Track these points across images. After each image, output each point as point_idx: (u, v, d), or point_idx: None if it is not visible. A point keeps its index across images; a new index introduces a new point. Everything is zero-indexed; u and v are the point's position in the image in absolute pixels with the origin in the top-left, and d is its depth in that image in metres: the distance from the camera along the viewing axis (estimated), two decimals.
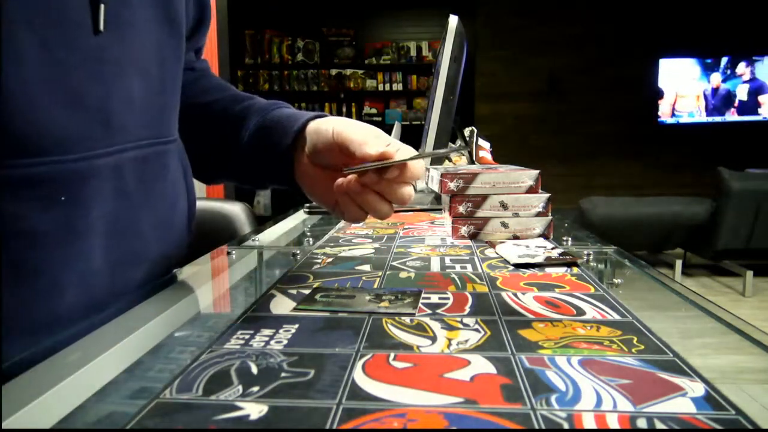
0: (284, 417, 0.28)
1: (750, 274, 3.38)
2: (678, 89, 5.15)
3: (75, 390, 0.33)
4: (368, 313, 0.44)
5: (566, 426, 0.27)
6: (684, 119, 5.17)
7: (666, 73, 5.11)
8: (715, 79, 5.11)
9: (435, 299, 0.48)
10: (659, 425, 0.27)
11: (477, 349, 0.37)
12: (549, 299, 0.48)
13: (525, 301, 0.48)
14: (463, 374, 0.33)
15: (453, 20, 1.04)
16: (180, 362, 0.35)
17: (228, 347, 0.38)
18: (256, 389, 0.31)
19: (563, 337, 0.39)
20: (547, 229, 0.75)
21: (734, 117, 5.11)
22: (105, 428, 0.29)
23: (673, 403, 0.29)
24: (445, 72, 1.03)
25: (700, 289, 3.46)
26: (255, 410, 0.29)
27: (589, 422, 0.27)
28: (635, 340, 0.38)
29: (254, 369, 0.34)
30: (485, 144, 1.44)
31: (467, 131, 1.34)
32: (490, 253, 0.67)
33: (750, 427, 0.27)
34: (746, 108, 5.10)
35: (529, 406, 0.29)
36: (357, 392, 0.31)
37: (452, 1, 3.90)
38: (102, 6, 0.47)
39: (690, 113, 5.16)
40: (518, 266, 0.60)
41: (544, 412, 0.28)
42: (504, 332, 0.40)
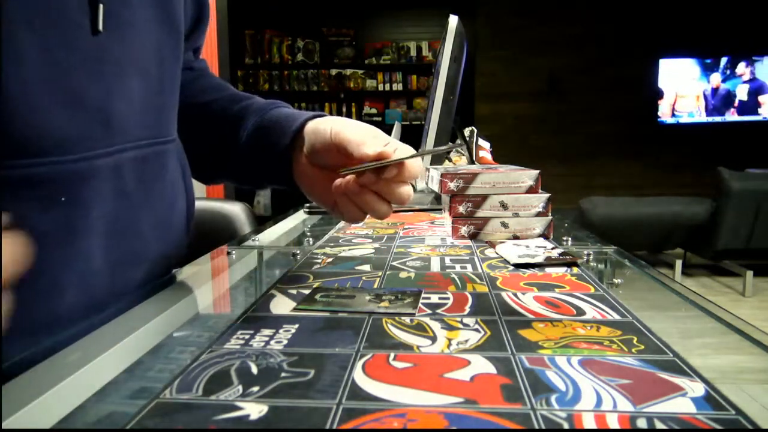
0: (284, 417, 0.28)
1: (750, 274, 3.38)
2: (678, 89, 5.15)
3: (75, 390, 0.33)
4: (368, 313, 0.44)
5: (566, 426, 0.27)
6: (684, 119, 5.17)
7: (666, 73, 5.11)
8: (715, 79, 5.11)
9: (435, 299, 0.48)
10: (659, 425, 0.27)
11: (477, 349, 0.37)
12: (549, 299, 0.48)
13: (525, 301, 0.48)
14: (463, 374, 0.33)
15: (453, 20, 1.04)
16: (180, 362, 0.35)
17: (228, 347, 0.38)
18: (256, 389, 0.31)
19: (563, 337, 0.39)
20: (547, 229, 0.75)
21: (734, 117, 5.11)
22: (105, 428, 0.29)
23: (673, 403, 0.29)
24: (445, 72, 1.03)
25: (700, 289, 3.46)
26: (255, 410, 0.29)
27: (589, 422, 0.27)
28: (635, 340, 0.38)
29: (254, 369, 0.34)
30: (485, 144, 1.44)
31: (467, 131, 1.34)
32: (490, 253, 0.67)
33: (750, 427, 0.27)
34: (746, 108, 5.10)
35: (529, 406, 0.29)
36: (357, 392, 0.31)
37: (452, 1, 3.90)
38: (101, 6, 0.47)
39: (690, 113, 5.16)
40: (518, 266, 0.60)
41: (544, 412, 0.28)
42: (504, 332, 0.40)
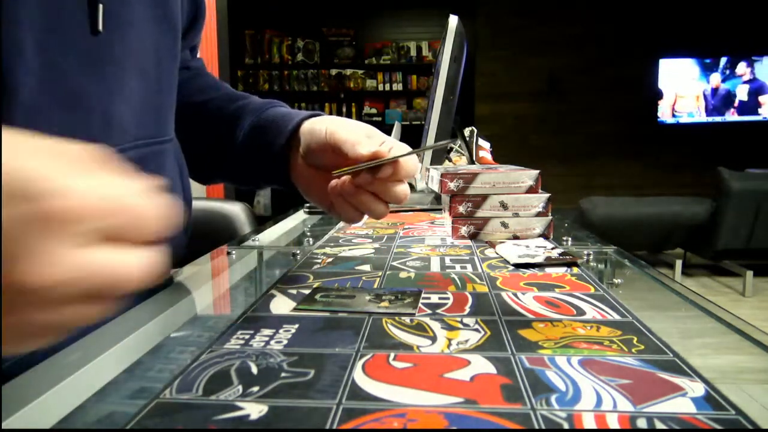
0: (284, 417, 0.28)
1: (750, 274, 3.38)
2: (677, 89, 5.15)
3: (75, 390, 0.33)
4: (368, 313, 0.44)
5: (566, 426, 0.27)
6: (684, 119, 5.18)
7: (666, 74, 5.11)
8: (715, 80, 5.11)
9: (435, 299, 0.48)
10: (659, 425, 0.27)
11: (477, 349, 0.37)
12: (549, 299, 0.48)
13: (525, 301, 0.48)
14: (463, 374, 0.33)
15: (453, 20, 1.04)
16: (180, 362, 0.35)
17: (228, 347, 0.38)
18: (256, 389, 0.31)
19: (563, 337, 0.39)
20: (547, 229, 0.75)
21: (734, 117, 5.11)
22: (105, 428, 0.29)
23: (673, 403, 0.29)
24: (445, 72, 1.03)
25: (700, 289, 3.46)
26: (255, 410, 0.29)
27: (589, 422, 0.27)
28: (635, 340, 0.38)
29: (254, 369, 0.34)
30: (485, 144, 1.44)
31: (467, 131, 1.34)
32: (490, 253, 0.67)
33: (750, 427, 0.27)
34: (746, 108, 5.10)
35: (529, 406, 0.29)
36: (357, 392, 0.31)
37: (452, 1, 3.90)
38: (101, 6, 0.47)
39: (690, 113, 5.16)
40: (518, 266, 0.60)
41: (544, 412, 0.28)
42: (504, 332, 0.40)
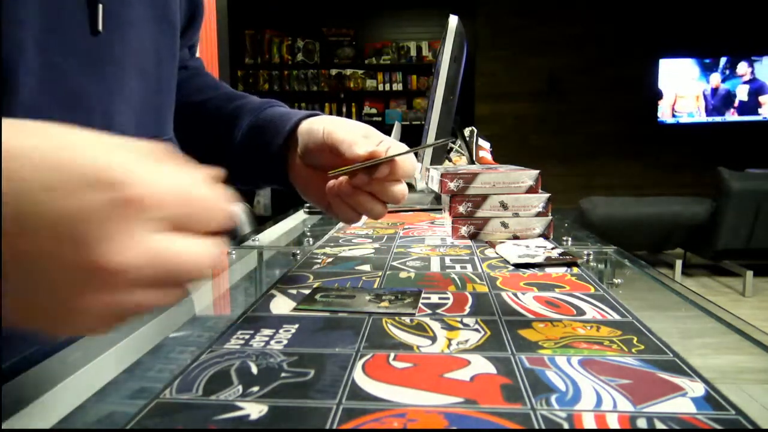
0: (284, 417, 0.28)
1: (750, 274, 3.38)
2: (677, 90, 5.15)
3: (75, 390, 0.33)
4: (368, 313, 0.44)
5: (566, 426, 0.27)
6: (684, 119, 5.18)
7: (666, 74, 5.11)
8: (715, 80, 5.11)
9: (435, 299, 0.48)
10: (659, 425, 0.27)
11: (477, 349, 0.37)
12: (549, 299, 0.48)
13: (525, 301, 0.48)
14: (463, 374, 0.33)
15: (453, 20, 1.04)
16: (180, 362, 0.35)
17: (228, 347, 0.38)
18: (256, 389, 0.31)
19: (563, 337, 0.39)
20: (547, 229, 0.75)
21: (734, 117, 5.11)
22: (105, 428, 0.29)
23: (673, 403, 0.29)
24: (445, 72, 1.03)
25: (700, 289, 3.46)
26: (255, 410, 0.29)
27: (589, 422, 0.27)
28: (635, 340, 0.38)
29: (254, 369, 0.34)
30: (485, 144, 1.44)
31: (467, 131, 1.34)
32: (490, 253, 0.67)
33: (750, 427, 0.27)
34: (746, 108, 5.10)
35: (529, 406, 0.29)
36: (357, 392, 0.31)
37: (452, 1, 3.90)
38: (100, 6, 0.47)
39: (690, 113, 5.16)
40: (518, 266, 0.60)
41: (544, 412, 0.28)
42: (504, 332, 0.40)
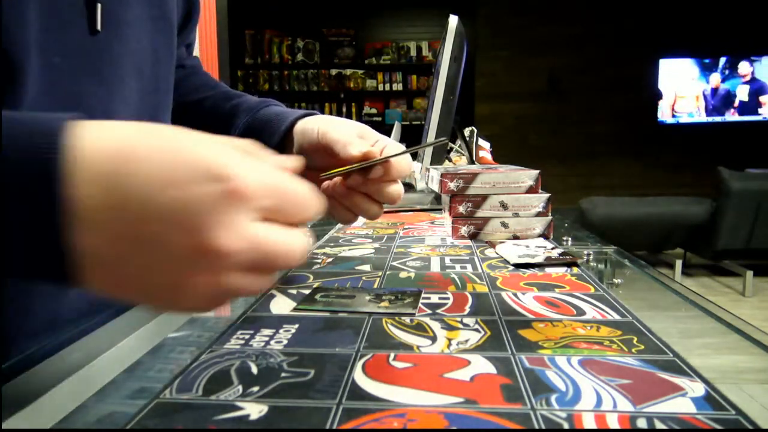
0: (284, 417, 0.28)
1: (750, 274, 3.38)
2: (677, 90, 5.15)
3: (75, 390, 0.33)
4: (368, 313, 0.44)
5: (566, 426, 0.27)
6: (684, 119, 5.18)
7: (665, 74, 5.11)
8: (714, 80, 5.11)
9: (435, 299, 0.48)
10: (659, 425, 0.27)
11: (477, 349, 0.37)
12: (549, 299, 0.48)
13: (525, 301, 0.48)
14: (463, 374, 0.33)
15: (453, 20, 1.04)
16: (180, 362, 0.35)
17: (228, 347, 0.38)
18: (256, 389, 0.31)
19: (563, 337, 0.39)
20: (547, 229, 0.75)
21: (734, 117, 5.11)
22: (105, 428, 0.29)
23: (673, 403, 0.29)
24: (445, 72, 1.03)
25: (700, 289, 3.46)
26: (255, 410, 0.29)
27: (589, 422, 0.28)
28: (635, 340, 0.38)
29: (254, 369, 0.34)
30: (485, 144, 1.44)
31: (467, 131, 1.34)
32: (490, 253, 0.67)
33: (750, 427, 0.27)
34: (746, 108, 5.10)
35: (529, 406, 0.29)
36: (357, 392, 0.31)
37: (452, 1, 3.90)
38: (99, 6, 0.47)
39: (689, 113, 5.16)
40: (518, 266, 0.60)
41: (544, 412, 0.28)
42: (504, 332, 0.40)
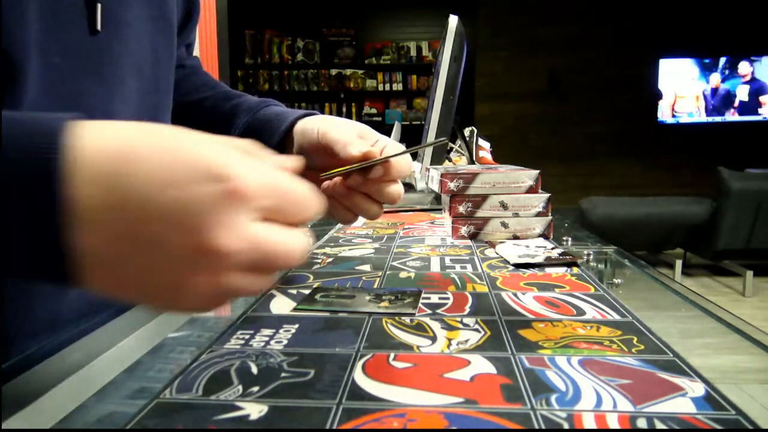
0: (284, 417, 0.28)
1: (750, 274, 3.38)
2: (677, 90, 5.15)
3: (75, 390, 0.33)
4: (368, 313, 0.44)
5: (566, 426, 0.27)
6: (684, 119, 5.18)
7: (665, 74, 5.11)
8: (714, 80, 5.11)
9: (435, 299, 0.48)
10: (659, 425, 0.27)
11: (477, 349, 0.37)
12: (549, 299, 0.48)
13: (525, 301, 0.48)
14: (463, 374, 0.33)
15: (453, 20, 1.04)
16: (180, 362, 0.35)
17: (228, 347, 0.38)
18: (256, 389, 0.31)
19: (563, 337, 0.39)
20: (547, 229, 0.75)
21: (734, 117, 5.11)
22: (105, 428, 0.29)
23: (673, 403, 0.29)
24: (445, 72, 1.03)
25: (700, 289, 3.46)
26: (255, 410, 0.29)
27: (589, 422, 0.28)
28: (635, 340, 0.38)
29: (254, 369, 0.34)
30: (485, 144, 1.44)
31: (467, 131, 1.34)
32: (490, 253, 0.67)
33: (750, 427, 0.27)
34: (746, 108, 5.10)
35: (529, 406, 0.29)
36: (357, 392, 0.31)
37: (452, 1, 3.90)
38: (99, 6, 0.47)
39: (689, 113, 5.16)
40: (518, 266, 0.60)
41: (544, 412, 0.28)
42: (504, 332, 0.40)
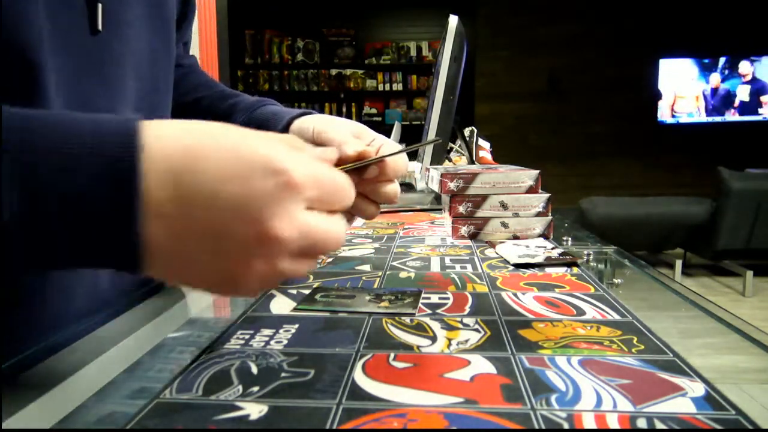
0: (284, 417, 0.28)
1: (750, 274, 3.38)
2: (677, 90, 5.15)
3: (75, 390, 0.33)
4: (368, 313, 0.44)
5: (566, 426, 0.27)
6: (683, 119, 5.18)
7: (665, 74, 5.11)
8: (714, 80, 5.11)
9: (435, 299, 0.48)
10: (659, 425, 0.27)
11: (477, 349, 0.37)
12: (549, 299, 0.48)
13: (525, 301, 0.48)
14: (463, 374, 0.33)
15: (453, 20, 1.04)
16: (180, 362, 0.35)
17: (228, 347, 0.38)
18: (256, 389, 0.31)
19: (563, 337, 0.39)
20: (547, 229, 0.75)
21: (734, 117, 5.11)
22: (105, 428, 0.29)
23: (673, 403, 0.29)
24: (445, 72, 1.03)
25: (700, 289, 3.46)
26: (255, 410, 0.29)
27: (589, 422, 0.27)
28: (635, 340, 0.38)
29: (254, 369, 0.34)
30: (485, 144, 1.44)
31: (467, 131, 1.34)
32: (490, 253, 0.67)
33: (750, 427, 0.27)
34: (747, 108, 5.10)
35: (529, 406, 0.29)
36: (357, 392, 0.31)
37: (452, 1, 3.90)
38: (99, 6, 0.47)
39: (689, 113, 5.16)
40: (518, 266, 0.60)
41: (544, 412, 0.28)
42: (504, 332, 0.40)
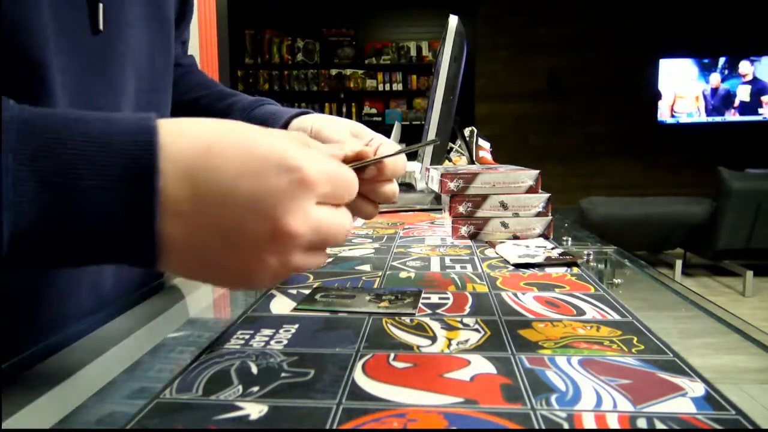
0: (284, 417, 0.28)
1: (750, 274, 3.38)
2: (676, 90, 5.15)
3: (75, 390, 0.33)
4: (368, 313, 0.44)
5: (566, 426, 0.27)
6: (683, 119, 5.18)
7: (665, 74, 5.11)
8: (714, 80, 5.11)
9: (435, 299, 0.48)
10: (659, 425, 0.27)
11: (477, 349, 0.37)
12: (549, 299, 0.48)
13: (525, 301, 0.48)
14: (463, 374, 0.33)
15: (453, 20, 1.04)
16: (180, 362, 0.35)
17: (228, 347, 0.38)
18: (256, 389, 0.31)
19: (563, 337, 0.39)
20: (547, 229, 0.75)
21: (734, 117, 5.11)
22: (105, 428, 0.29)
23: (673, 403, 0.29)
24: (445, 72, 1.03)
25: (700, 289, 3.46)
26: (255, 410, 0.29)
27: (589, 422, 0.27)
28: (635, 340, 0.38)
29: (254, 369, 0.34)
30: (485, 144, 1.44)
31: (467, 131, 1.34)
32: (490, 253, 0.67)
33: (750, 427, 0.27)
34: (747, 108, 5.10)
35: (529, 406, 0.29)
36: (357, 392, 0.31)
37: (452, 1, 3.90)
38: (100, 5, 0.47)
39: (689, 113, 5.16)
40: (518, 266, 0.60)
41: (544, 412, 0.28)
42: (504, 332, 0.40)
